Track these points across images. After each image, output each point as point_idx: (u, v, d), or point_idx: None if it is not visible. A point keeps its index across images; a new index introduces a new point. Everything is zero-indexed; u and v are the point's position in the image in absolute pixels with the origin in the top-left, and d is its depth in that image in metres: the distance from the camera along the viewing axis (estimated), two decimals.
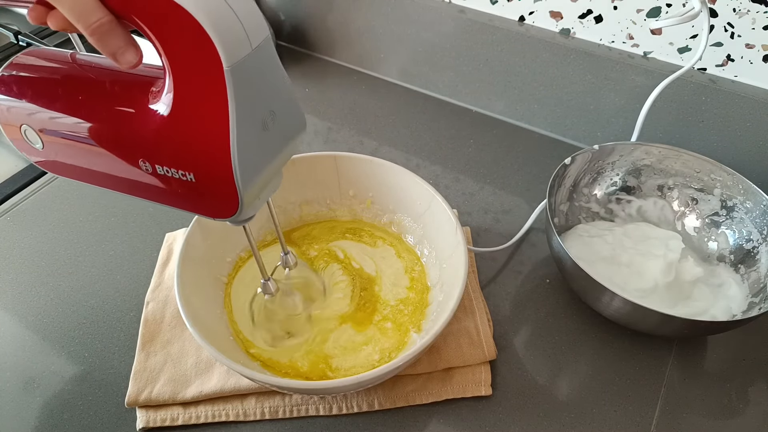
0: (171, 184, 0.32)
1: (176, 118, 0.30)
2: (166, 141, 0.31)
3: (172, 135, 0.31)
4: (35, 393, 0.47)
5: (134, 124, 0.32)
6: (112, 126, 0.33)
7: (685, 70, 0.53)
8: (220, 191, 0.31)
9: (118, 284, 0.54)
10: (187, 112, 0.30)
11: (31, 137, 0.36)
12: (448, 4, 0.69)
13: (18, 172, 0.66)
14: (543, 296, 0.53)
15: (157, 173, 0.32)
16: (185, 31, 0.27)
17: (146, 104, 0.31)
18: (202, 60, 0.27)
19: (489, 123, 0.73)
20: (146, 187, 0.34)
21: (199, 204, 0.34)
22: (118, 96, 0.33)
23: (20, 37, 0.84)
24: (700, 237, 0.55)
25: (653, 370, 0.48)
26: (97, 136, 0.33)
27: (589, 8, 0.61)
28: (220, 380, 0.45)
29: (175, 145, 0.31)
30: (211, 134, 0.29)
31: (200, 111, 0.29)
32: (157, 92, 0.31)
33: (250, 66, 0.29)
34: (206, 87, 0.28)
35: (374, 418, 0.45)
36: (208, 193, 0.32)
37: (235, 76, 0.28)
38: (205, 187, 0.32)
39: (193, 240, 0.47)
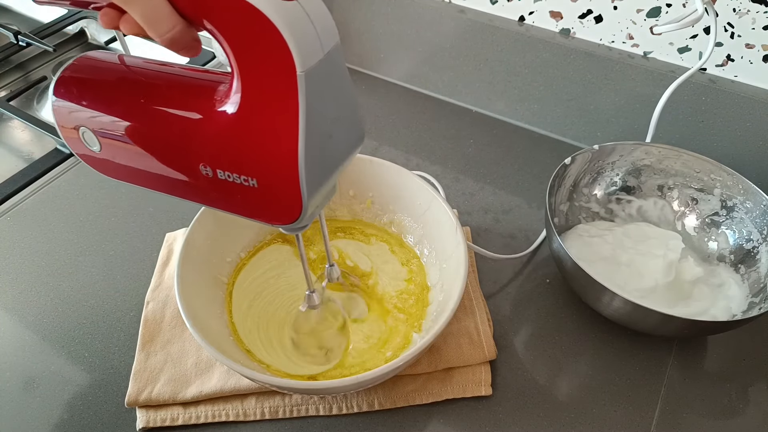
0: (231, 190, 0.32)
1: (242, 122, 0.29)
2: (229, 146, 0.30)
3: (236, 140, 0.30)
4: (35, 393, 0.47)
5: (196, 128, 0.31)
6: (173, 130, 0.32)
7: (692, 72, 0.53)
8: (283, 198, 0.31)
9: (118, 284, 0.54)
10: (255, 116, 0.29)
11: (89, 139, 0.35)
12: (448, 4, 0.69)
13: (18, 172, 0.66)
14: (543, 296, 0.53)
15: (217, 178, 0.32)
16: (259, 35, 0.26)
17: (209, 108, 0.31)
18: (274, 64, 0.27)
19: (489, 123, 0.73)
20: (205, 191, 0.33)
21: (258, 210, 0.33)
22: (179, 100, 0.32)
23: (20, 37, 0.84)
24: (700, 237, 0.55)
25: (653, 370, 0.48)
26: (157, 140, 0.33)
27: (589, 8, 0.61)
28: (220, 380, 0.45)
29: (240, 150, 0.30)
30: (279, 140, 0.29)
31: (268, 116, 0.29)
32: (221, 97, 0.30)
33: (321, 72, 0.28)
34: (276, 92, 0.28)
35: (374, 418, 0.45)
36: (270, 199, 0.31)
37: (308, 82, 0.27)
38: (268, 193, 0.31)
39: (193, 240, 0.47)
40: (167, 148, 0.33)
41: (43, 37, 0.85)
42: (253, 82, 0.28)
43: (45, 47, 0.83)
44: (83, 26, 0.92)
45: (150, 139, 0.33)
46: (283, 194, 0.30)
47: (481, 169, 0.66)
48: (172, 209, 0.61)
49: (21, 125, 0.74)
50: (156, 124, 0.32)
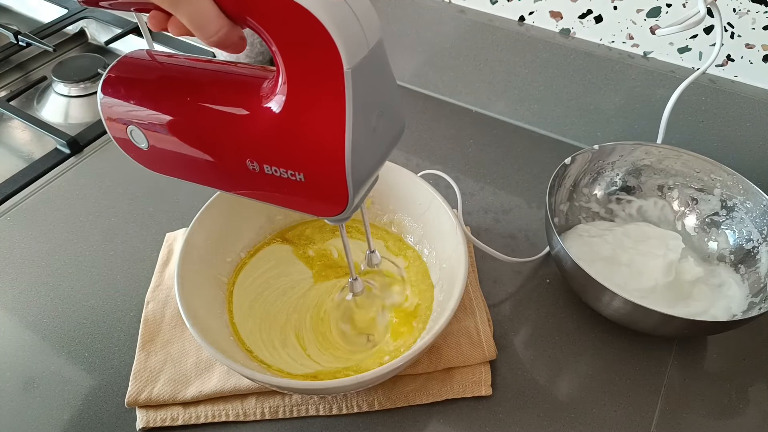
0: (278, 184, 0.32)
1: (289, 118, 0.30)
2: (276, 142, 0.31)
3: (283, 136, 0.30)
4: (35, 393, 0.47)
5: (242, 124, 0.32)
6: (219, 126, 0.33)
7: (700, 73, 0.53)
8: (329, 191, 0.31)
9: (118, 284, 0.54)
10: (301, 112, 0.29)
11: (137, 137, 0.36)
12: (448, 4, 0.69)
13: (18, 172, 0.66)
14: (543, 296, 0.53)
15: (264, 173, 0.32)
16: (306, 32, 0.26)
17: (256, 105, 0.31)
18: (320, 61, 0.27)
19: (489, 123, 0.73)
20: (252, 186, 0.34)
21: (305, 203, 0.33)
22: (226, 97, 0.33)
23: (20, 37, 0.84)
24: (700, 237, 0.55)
25: (653, 370, 0.48)
26: (204, 136, 0.33)
27: (589, 8, 0.61)
28: (220, 380, 0.45)
29: (287, 145, 0.31)
30: (326, 135, 0.29)
31: (315, 112, 0.29)
32: (266, 93, 0.31)
33: (367, 67, 0.28)
34: (323, 88, 0.28)
35: (374, 418, 0.45)
36: (317, 193, 0.32)
37: (354, 78, 0.27)
38: (315, 187, 0.31)
39: (193, 240, 0.47)
40: (214, 144, 0.33)
41: (43, 37, 0.85)
42: (299, 78, 0.28)
43: (45, 47, 0.83)
44: (83, 26, 0.92)
45: (196, 135, 0.34)
46: (330, 188, 0.31)
47: (481, 169, 0.66)
48: (172, 209, 0.61)
49: (21, 125, 0.74)
50: (202, 120, 0.33)
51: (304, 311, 0.50)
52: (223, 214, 0.50)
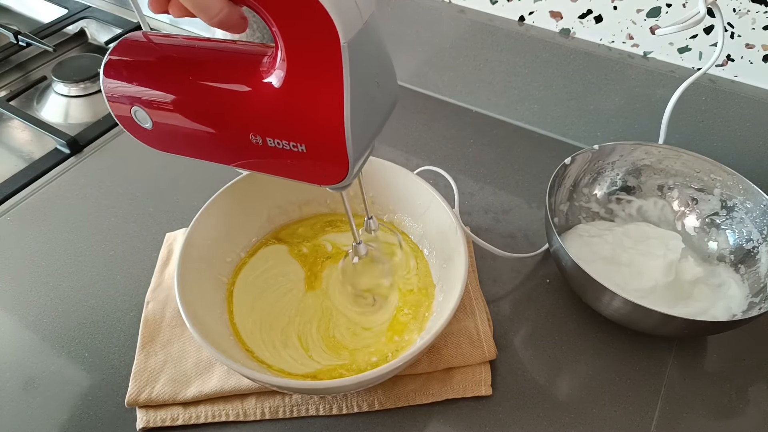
0: (281, 156, 0.34)
1: (289, 92, 0.31)
2: (278, 115, 0.32)
3: (284, 109, 0.32)
4: (35, 393, 0.47)
5: (245, 100, 0.33)
6: (222, 103, 0.34)
7: (701, 74, 0.53)
8: (330, 160, 0.33)
9: (118, 284, 0.54)
10: (301, 86, 0.31)
11: (141, 117, 0.37)
12: (448, 4, 0.69)
13: (18, 172, 0.66)
14: (543, 296, 0.53)
15: (267, 146, 0.33)
16: (303, 8, 0.27)
17: (256, 80, 0.32)
18: (318, 36, 0.28)
19: (489, 123, 0.73)
20: (256, 159, 0.35)
21: (307, 173, 0.35)
22: (226, 73, 0.34)
23: (20, 37, 0.84)
24: (700, 237, 0.55)
25: (653, 370, 0.48)
26: (207, 113, 0.35)
27: (589, 8, 0.61)
28: (220, 380, 0.45)
29: (288, 118, 0.32)
30: (326, 107, 0.30)
31: (314, 85, 0.30)
32: (266, 68, 0.32)
33: (362, 40, 0.29)
34: (321, 62, 0.29)
35: (374, 418, 0.45)
36: (319, 162, 0.33)
37: (351, 51, 0.29)
38: (316, 157, 0.33)
39: (193, 240, 0.47)
40: (217, 121, 0.34)
41: (43, 37, 0.85)
42: (298, 53, 0.30)
43: (45, 47, 0.83)
44: (83, 26, 0.92)
45: (200, 112, 0.35)
46: (331, 157, 0.32)
47: (481, 169, 0.66)
48: (172, 209, 0.61)
49: (21, 125, 0.74)
50: (205, 98, 0.34)
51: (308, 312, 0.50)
52: (222, 214, 0.50)
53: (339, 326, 0.49)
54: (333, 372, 0.45)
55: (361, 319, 0.49)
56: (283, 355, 0.46)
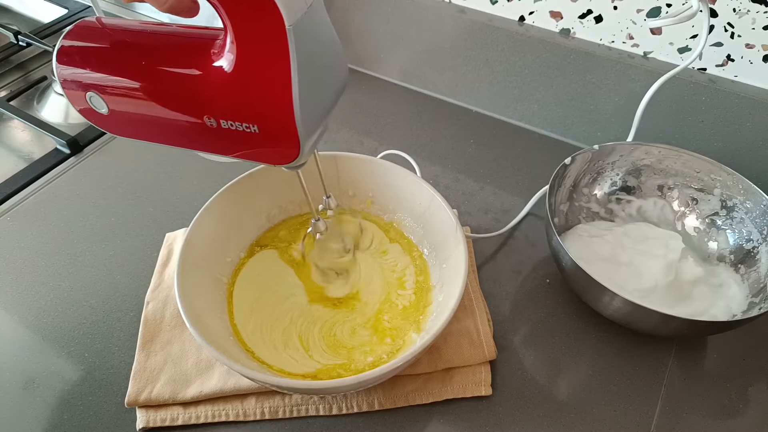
0: (235, 137, 0.35)
1: (240, 75, 0.32)
2: (230, 98, 0.33)
3: (236, 92, 0.33)
4: (35, 393, 0.47)
5: (198, 83, 0.34)
6: (176, 87, 0.34)
7: (680, 69, 0.53)
8: (282, 140, 0.34)
9: (118, 284, 0.54)
10: (251, 69, 0.32)
11: (96, 103, 0.37)
12: (448, 4, 0.69)
13: (18, 172, 0.66)
14: (543, 296, 0.53)
15: (221, 128, 0.34)
16: None
17: (208, 64, 0.33)
18: (263, 20, 0.29)
19: (489, 123, 0.73)
20: (210, 140, 0.36)
21: (261, 153, 0.36)
22: (179, 58, 0.35)
23: (20, 37, 0.84)
24: (700, 237, 0.55)
25: (653, 370, 0.48)
26: (162, 97, 0.35)
27: (589, 8, 0.61)
28: (220, 380, 0.45)
29: (240, 101, 0.33)
30: (275, 89, 0.31)
31: (263, 68, 0.31)
32: (217, 52, 0.33)
33: (307, 22, 0.31)
34: (268, 45, 0.30)
35: (374, 418, 0.45)
36: (271, 142, 0.35)
37: (296, 34, 0.30)
38: (269, 137, 0.34)
39: (193, 240, 0.47)
40: (171, 105, 0.35)
41: (43, 37, 0.85)
42: (246, 37, 0.31)
43: (45, 47, 0.83)
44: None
45: (154, 97, 0.35)
46: (283, 137, 0.34)
47: (481, 169, 0.66)
48: (172, 209, 0.61)
49: (21, 125, 0.74)
50: (159, 83, 0.35)
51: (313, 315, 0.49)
52: (223, 214, 0.50)
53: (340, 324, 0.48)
54: (331, 372, 0.45)
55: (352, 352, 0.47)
56: (283, 355, 0.46)
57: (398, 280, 0.52)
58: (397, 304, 0.50)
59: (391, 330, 0.48)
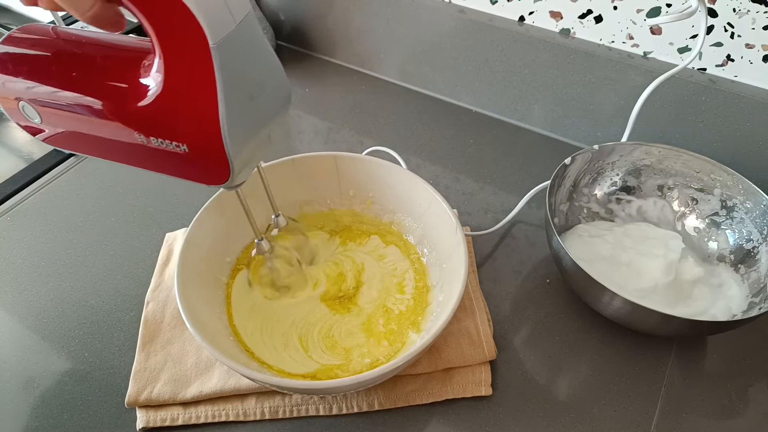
0: (166, 155, 0.34)
1: (167, 93, 0.31)
2: (158, 115, 0.32)
3: (163, 109, 0.32)
4: (35, 393, 0.47)
5: (127, 98, 0.33)
6: (106, 101, 0.34)
7: (678, 70, 0.53)
8: (212, 160, 0.33)
9: (118, 284, 0.54)
10: (177, 87, 0.31)
11: (29, 112, 0.37)
12: (448, 4, 0.69)
13: (18, 172, 0.66)
14: (543, 296, 0.53)
15: (151, 145, 0.33)
16: (172, 10, 0.28)
17: (138, 79, 0.32)
18: (188, 38, 0.28)
19: (489, 123, 0.73)
20: (142, 157, 0.35)
21: (193, 172, 0.35)
22: (110, 71, 0.34)
23: None
24: (700, 237, 0.55)
25: (653, 370, 0.48)
26: (92, 110, 0.34)
27: (589, 8, 0.61)
28: (220, 380, 0.45)
29: (167, 118, 0.32)
30: (201, 107, 0.31)
31: (190, 86, 0.30)
32: (147, 66, 0.32)
33: (234, 41, 0.30)
34: (194, 63, 0.29)
35: (374, 418, 0.45)
36: (202, 162, 0.33)
37: (221, 53, 0.29)
38: (198, 156, 0.33)
39: (193, 240, 0.47)
40: (101, 119, 0.34)
41: None
42: (172, 55, 0.30)
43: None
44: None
45: (85, 110, 0.35)
46: (212, 157, 0.33)
47: (481, 169, 0.66)
48: (172, 209, 0.61)
49: None
50: (89, 95, 0.34)
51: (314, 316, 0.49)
52: (223, 214, 0.50)
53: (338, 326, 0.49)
54: (329, 372, 0.45)
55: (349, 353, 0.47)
56: (283, 356, 0.46)
57: (398, 285, 0.52)
58: (393, 309, 0.50)
59: (387, 334, 0.48)
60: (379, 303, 0.50)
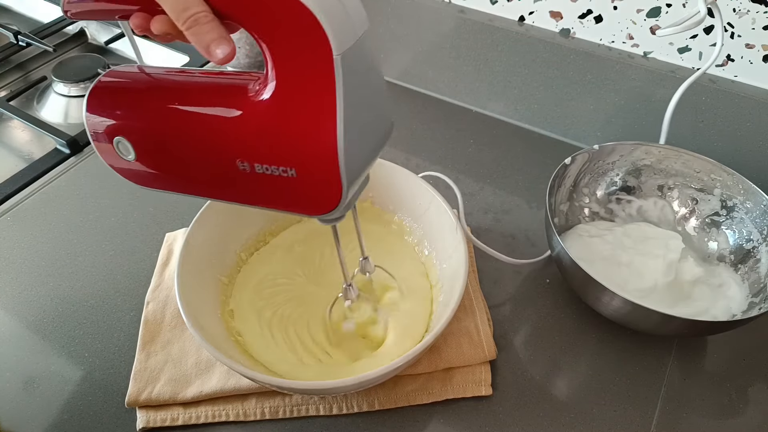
0: (269, 183, 0.32)
1: (278, 110, 0.29)
2: (266, 137, 0.30)
3: (273, 129, 0.30)
4: (35, 393, 0.47)
5: (231, 124, 0.31)
6: (207, 129, 0.32)
7: (703, 71, 0.52)
8: (321, 187, 0.31)
9: (118, 284, 0.54)
10: (291, 104, 0.29)
11: (124, 149, 0.35)
12: (448, 4, 0.69)
13: (18, 172, 0.66)
14: (543, 296, 0.53)
15: (255, 172, 0.31)
16: (293, 19, 0.26)
17: (244, 103, 0.31)
18: (309, 48, 0.27)
19: (489, 123, 0.73)
20: (242, 188, 0.33)
21: (297, 201, 0.33)
22: (212, 98, 0.33)
23: (20, 37, 0.84)
24: (700, 237, 0.55)
25: (653, 370, 0.48)
26: (192, 140, 0.33)
27: (589, 8, 0.61)
28: (220, 380, 0.45)
29: (277, 139, 0.30)
30: (317, 125, 0.28)
31: (306, 102, 0.28)
32: (255, 90, 0.30)
33: (356, 56, 0.28)
34: (313, 77, 0.27)
35: (374, 418, 0.45)
36: (309, 188, 0.31)
37: (344, 64, 0.27)
38: (307, 182, 0.31)
39: (193, 240, 0.47)
40: (202, 148, 0.33)
41: (43, 37, 0.85)
42: (288, 69, 0.28)
43: (45, 47, 0.83)
44: (83, 26, 0.92)
45: (184, 140, 0.33)
46: (322, 182, 0.30)
47: (481, 169, 0.66)
48: (172, 209, 0.61)
49: (21, 125, 0.74)
50: (190, 125, 0.33)
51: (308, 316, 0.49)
52: (223, 214, 0.50)
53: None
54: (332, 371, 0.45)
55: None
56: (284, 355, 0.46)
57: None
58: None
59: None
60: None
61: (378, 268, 0.47)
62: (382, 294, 0.50)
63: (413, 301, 0.49)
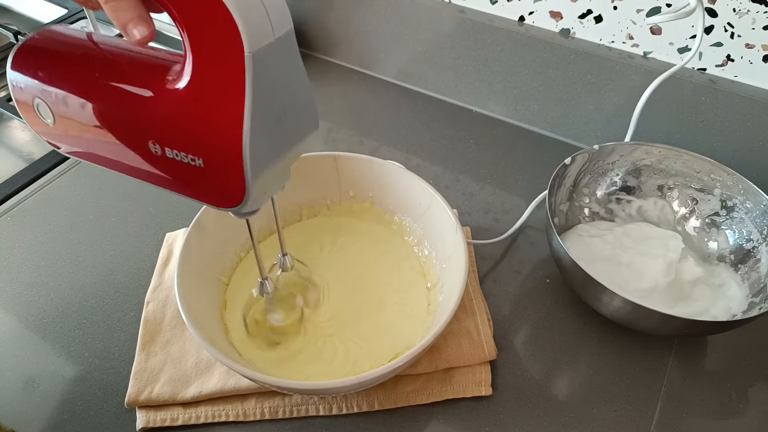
0: (179, 169, 0.32)
1: (191, 99, 0.30)
2: (178, 122, 0.31)
3: (185, 117, 0.30)
4: (35, 393, 0.47)
5: (148, 104, 0.32)
6: (125, 105, 0.33)
7: (677, 69, 0.53)
8: (227, 179, 0.31)
9: (118, 284, 0.54)
10: (203, 94, 0.30)
11: (43, 112, 0.36)
12: (448, 4, 0.69)
13: (18, 172, 0.66)
14: (543, 296, 0.53)
15: (166, 156, 0.32)
16: (210, 12, 0.27)
17: (162, 86, 0.31)
18: (223, 43, 0.27)
19: (489, 123, 0.73)
20: (154, 170, 0.34)
21: (205, 191, 0.33)
22: (134, 77, 0.33)
23: (20, 37, 0.84)
24: (700, 237, 0.55)
25: (653, 370, 0.48)
26: (108, 114, 0.33)
27: (589, 8, 0.61)
28: (220, 380, 0.45)
29: (187, 127, 0.31)
30: (225, 119, 0.29)
31: (216, 95, 0.29)
32: (174, 76, 0.31)
33: (271, 56, 0.28)
34: (225, 71, 0.28)
35: (374, 418, 0.45)
36: (216, 180, 0.32)
37: (255, 63, 0.28)
38: (213, 173, 0.31)
39: (193, 240, 0.47)
40: (118, 124, 0.33)
41: None
42: (203, 60, 0.29)
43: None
44: (83, 26, 0.92)
45: (102, 113, 0.34)
46: (228, 175, 0.31)
47: (481, 169, 0.66)
48: (172, 209, 0.61)
49: (21, 125, 0.74)
50: (108, 99, 0.33)
51: None
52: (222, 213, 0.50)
53: None
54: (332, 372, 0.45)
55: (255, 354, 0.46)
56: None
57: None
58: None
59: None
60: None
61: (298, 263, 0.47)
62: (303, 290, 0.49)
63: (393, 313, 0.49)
